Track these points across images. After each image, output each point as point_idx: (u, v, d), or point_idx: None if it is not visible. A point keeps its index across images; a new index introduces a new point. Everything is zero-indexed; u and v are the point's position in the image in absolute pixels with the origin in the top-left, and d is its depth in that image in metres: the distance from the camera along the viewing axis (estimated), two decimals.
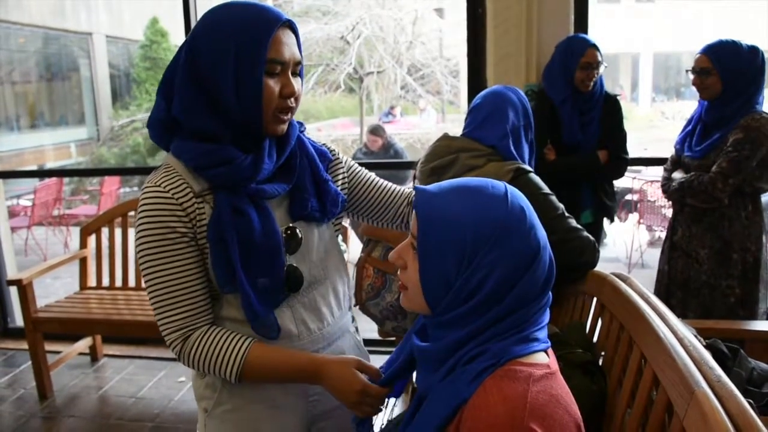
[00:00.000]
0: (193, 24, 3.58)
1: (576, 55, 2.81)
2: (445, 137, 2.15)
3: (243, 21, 1.14)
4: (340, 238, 1.47)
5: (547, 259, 0.99)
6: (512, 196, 0.99)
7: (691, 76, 2.59)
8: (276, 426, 1.34)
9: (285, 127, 1.23)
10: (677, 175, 2.65)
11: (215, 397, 1.33)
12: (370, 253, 2.19)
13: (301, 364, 1.24)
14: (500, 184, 1.01)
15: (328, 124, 13.88)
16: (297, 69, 1.21)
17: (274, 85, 1.17)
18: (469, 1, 3.27)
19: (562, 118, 2.87)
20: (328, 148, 1.42)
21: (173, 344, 1.23)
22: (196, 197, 1.20)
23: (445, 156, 2.07)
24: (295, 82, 1.20)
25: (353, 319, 1.51)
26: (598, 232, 3.03)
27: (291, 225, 1.28)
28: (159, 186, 1.18)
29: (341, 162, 1.43)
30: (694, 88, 2.64)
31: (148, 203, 1.18)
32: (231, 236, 1.17)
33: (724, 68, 2.49)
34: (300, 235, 1.28)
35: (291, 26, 1.20)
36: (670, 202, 2.75)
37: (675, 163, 2.75)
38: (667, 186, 2.71)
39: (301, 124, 1.34)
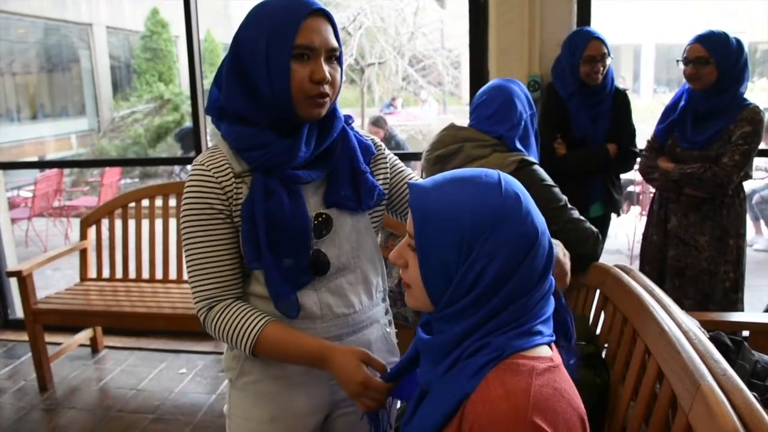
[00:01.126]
0: (193, 15, 3.58)
1: (580, 49, 2.79)
2: (452, 126, 2.17)
3: (276, 10, 1.21)
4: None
5: (546, 244, 0.98)
6: (506, 183, 0.98)
7: (682, 67, 2.59)
8: (296, 403, 1.38)
9: (321, 111, 1.26)
10: (667, 164, 2.64)
11: (238, 368, 1.39)
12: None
13: (310, 349, 1.27)
14: (493, 173, 1.00)
15: None
16: (333, 56, 1.25)
17: (302, 69, 1.21)
18: None
19: (571, 112, 2.86)
20: (375, 144, 1.47)
21: (200, 312, 1.31)
22: (236, 177, 1.27)
23: (450, 145, 2.08)
24: (330, 68, 1.24)
25: (387, 312, 1.51)
26: (606, 226, 3.03)
27: (322, 211, 1.32)
28: (203, 165, 1.27)
29: (385, 157, 1.48)
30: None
31: (192, 181, 1.27)
32: (260, 215, 1.23)
33: (721, 57, 2.49)
34: (331, 222, 1.32)
35: (326, 15, 1.24)
36: (660, 190, 2.75)
37: (656, 150, 2.74)
38: (654, 174, 2.70)
39: (349, 117, 1.40)
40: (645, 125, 2.98)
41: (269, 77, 1.21)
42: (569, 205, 1.96)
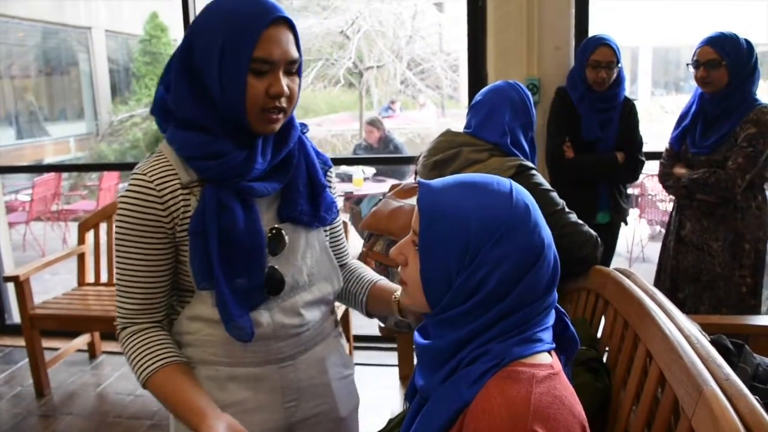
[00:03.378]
0: (192, 18, 3.56)
1: (587, 53, 2.81)
2: (448, 132, 2.15)
3: (234, 15, 1.11)
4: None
5: (552, 258, 0.97)
6: (517, 194, 0.97)
7: (692, 70, 2.56)
8: (250, 428, 1.27)
9: (275, 126, 1.18)
10: (680, 170, 2.63)
11: None
12: (371, 247, 2.17)
13: (191, 410, 1.14)
14: (505, 181, 0.99)
15: (328, 119, 13.85)
16: (292, 68, 1.16)
17: (259, 84, 1.12)
18: None
19: (581, 115, 2.87)
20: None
21: (116, 326, 1.25)
22: (182, 188, 1.18)
23: (447, 150, 2.07)
24: (288, 81, 1.16)
25: (337, 323, 1.46)
26: (615, 234, 3.03)
27: (277, 226, 1.25)
28: (145, 175, 1.17)
29: (331, 173, 1.41)
30: (693, 83, 2.62)
31: (130, 191, 1.17)
32: (212, 231, 1.15)
33: (733, 60, 2.46)
34: (285, 238, 1.25)
35: (288, 23, 1.15)
36: (671, 197, 2.74)
37: (672, 157, 2.73)
38: (669, 181, 2.69)
39: (303, 125, 1.31)
40: (643, 128, 2.98)
41: (222, 87, 1.12)
42: (567, 209, 1.96)
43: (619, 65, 2.80)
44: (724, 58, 2.47)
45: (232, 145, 1.16)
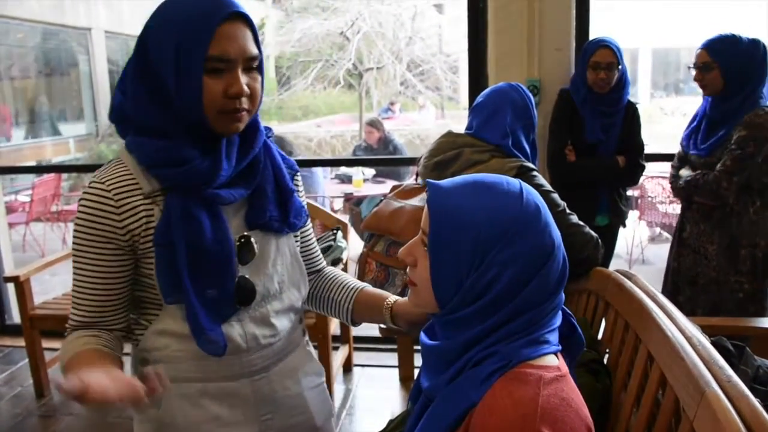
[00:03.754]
0: None
1: (588, 54, 2.83)
2: (450, 134, 2.16)
3: (187, 13, 1.06)
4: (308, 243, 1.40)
5: (561, 258, 0.97)
6: (527, 194, 0.97)
7: (693, 72, 2.57)
8: None
9: (239, 125, 1.13)
10: (684, 172, 2.64)
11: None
12: (372, 247, 2.17)
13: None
14: (515, 182, 0.99)
15: (328, 120, 13.86)
16: (251, 64, 1.11)
17: (216, 84, 1.07)
18: None
19: (584, 117, 2.87)
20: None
21: (66, 328, 1.19)
22: (145, 198, 1.12)
23: (448, 151, 2.07)
24: (248, 80, 1.11)
25: (304, 332, 1.43)
26: (614, 236, 3.03)
27: (246, 234, 1.20)
28: (103, 184, 1.11)
29: (299, 185, 1.36)
30: (693, 84, 2.63)
31: (87, 200, 1.11)
32: (179, 242, 1.10)
33: (725, 63, 2.46)
34: (255, 245, 1.21)
35: (244, 18, 1.10)
36: (678, 199, 2.74)
37: (682, 159, 2.73)
38: (675, 183, 2.70)
39: (268, 129, 1.26)
40: (642, 130, 2.98)
41: (179, 88, 1.07)
42: (568, 210, 1.98)
43: (620, 67, 2.80)
44: (715, 61, 2.47)
45: (196, 151, 1.11)
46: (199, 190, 1.12)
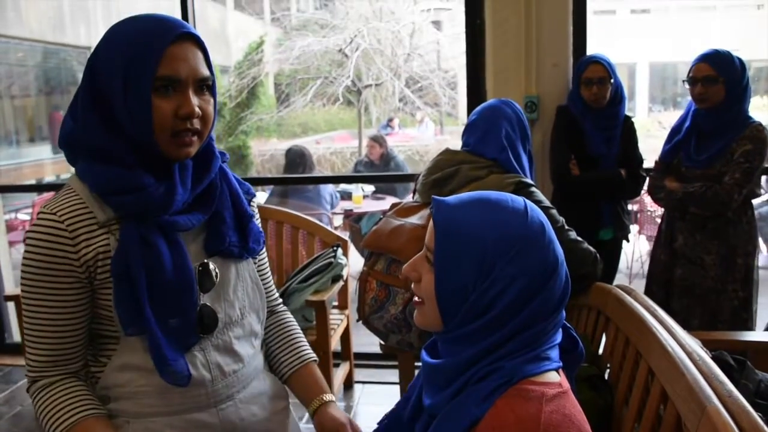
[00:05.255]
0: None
1: (580, 71, 2.85)
2: (447, 151, 2.18)
3: (136, 34, 1.05)
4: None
5: (563, 275, 0.98)
6: (532, 211, 0.99)
7: (688, 87, 2.59)
8: None
9: (190, 150, 1.10)
10: (673, 184, 2.64)
11: None
12: (372, 266, 2.17)
13: None
14: (519, 199, 1.01)
15: (327, 137, 13.91)
16: (203, 86, 1.10)
17: (166, 104, 1.05)
18: (467, 13, 3.27)
19: (585, 131, 2.89)
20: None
21: (28, 380, 1.16)
22: (100, 228, 1.09)
23: (446, 168, 2.08)
24: (199, 102, 1.09)
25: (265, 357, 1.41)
26: (617, 250, 3.04)
27: (205, 261, 1.18)
28: (54, 214, 1.08)
29: (256, 210, 1.34)
30: (689, 98, 2.64)
31: (37, 232, 1.07)
32: (138, 271, 1.07)
33: (729, 76, 2.50)
34: (214, 272, 1.18)
35: (195, 39, 1.08)
36: (666, 210, 2.75)
37: (663, 171, 2.74)
38: (660, 194, 2.70)
39: (223, 154, 1.24)
40: (640, 144, 3.00)
41: (128, 110, 1.05)
42: (567, 226, 1.99)
43: (613, 81, 2.82)
44: (721, 75, 2.49)
45: (149, 177, 1.08)
46: (156, 218, 1.09)
